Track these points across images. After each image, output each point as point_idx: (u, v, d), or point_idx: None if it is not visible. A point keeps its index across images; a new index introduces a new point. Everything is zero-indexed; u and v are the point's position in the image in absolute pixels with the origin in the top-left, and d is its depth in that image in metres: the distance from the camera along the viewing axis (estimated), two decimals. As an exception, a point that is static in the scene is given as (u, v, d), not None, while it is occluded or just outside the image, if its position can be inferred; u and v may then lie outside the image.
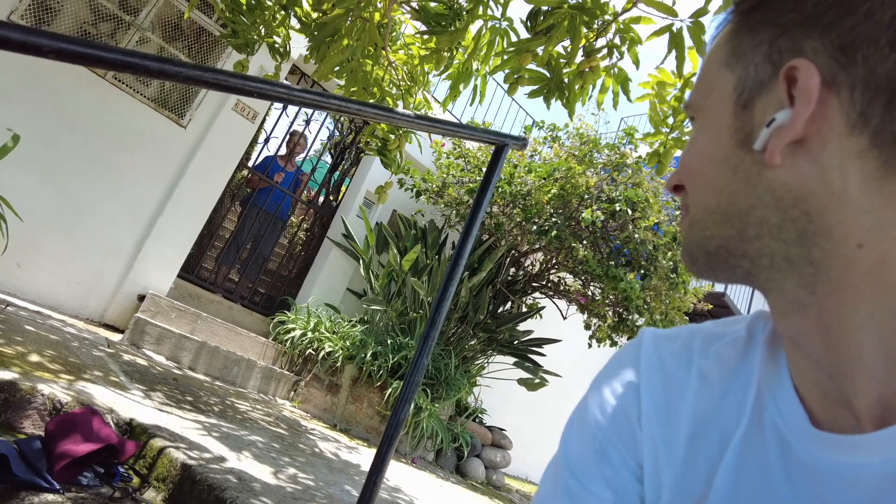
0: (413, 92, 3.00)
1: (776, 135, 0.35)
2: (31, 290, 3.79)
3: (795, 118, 0.34)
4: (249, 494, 1.83)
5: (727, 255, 0.39)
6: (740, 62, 0.39)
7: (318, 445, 3.30)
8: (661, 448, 0.45)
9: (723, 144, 0.40)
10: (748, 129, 0.38)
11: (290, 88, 0.88)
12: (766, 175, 0.36)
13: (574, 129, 5.48)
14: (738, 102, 0.39)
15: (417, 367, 1.23)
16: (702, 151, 0.42)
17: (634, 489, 0.46)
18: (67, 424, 1.76)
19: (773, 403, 0.40)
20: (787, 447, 0.38)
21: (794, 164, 0.35)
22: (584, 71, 2.40)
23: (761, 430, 0.40)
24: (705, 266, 0.42)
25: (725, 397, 0.43)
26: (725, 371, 0.45)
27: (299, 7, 2.67)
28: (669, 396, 0.47)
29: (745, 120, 0.38)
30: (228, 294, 5.37)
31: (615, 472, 0.46)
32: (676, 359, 0.48)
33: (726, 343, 0.47)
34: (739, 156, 0.38)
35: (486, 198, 1.29)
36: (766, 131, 0.36)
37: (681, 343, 0.49)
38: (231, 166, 4.77)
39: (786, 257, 0.36)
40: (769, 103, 0.37)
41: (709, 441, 0.43)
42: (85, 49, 0.68)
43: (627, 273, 4.67)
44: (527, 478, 7.33)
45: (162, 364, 3.67)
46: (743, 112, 0.39)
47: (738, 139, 0.39)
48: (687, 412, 0.45)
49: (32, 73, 3.74)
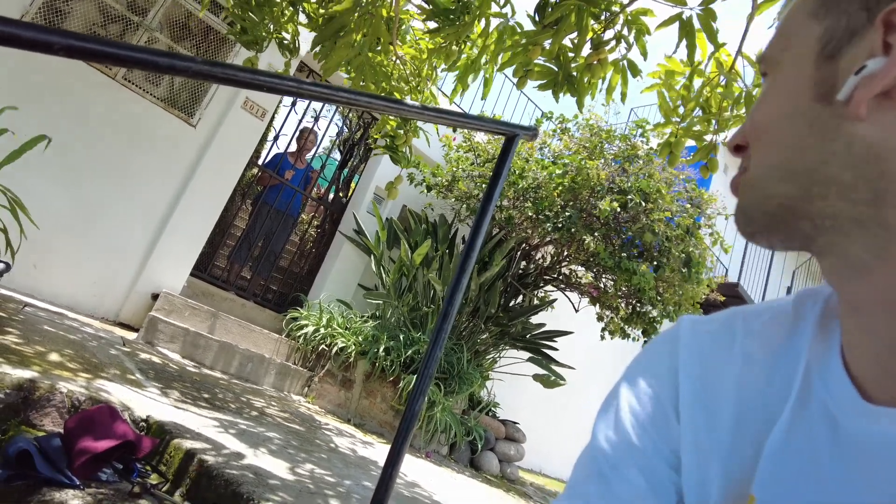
0: (421, 87, 3.00)
1: (864, 84, 0.33)
2: (47, 290, 3.84)
3: (890, 66, 0.32)
4: (266, 489, 1.84)
5: (788, 216, 0.37)
6: (831, 11, 0.37)
7: (333, 440, 3.32)
8: (705, 434, 0.44)
9: (800, 97, 0.37)
10: (832, 80, 0.35)
11: (300, 82, 0.88)
12: (846, 129, 0.34)
13: (584, 120, 5.45)
14: (823, 53, 0.36)
15: (431, 360, 1.23)
16: (774, 106, 0.39)
17: (668, 477, 0.45)
18: (86, 422, 1.78)
19: (822, 382, 0.39)
20: (835, 424, 0.37)
21: (879, 118, 0.33)
22: (593, 63, 2.38)
23: (808, 410, 0.39)
24: (762, 227, 0.39)
25: (772, 377, 0.42)
26: (771, 350, 0.43)
27: (307, 3, 2.67)
28: (711, 382, 0.45)
29: (829, 71, 0.36)
30: (241, 291, 5.41)
31: (647, 459, 0.46)
32: (717, 342, 0.47)
33: (770, 320, 0.45)
34: (817, 110, 0.36)
35: (497, 189, 1.28)
36: (854, 79, 0.33)
37: (721, 325, 0.48)
38: (241, 164, 4.80)
39: (854, 219, 0.34)
40: (860, 52, 0.34)
41: (755, 423, 0.41)
42: (95, 46, 0.68)
43: (640, 265, 4.64)
44: (541, 471, 7.33)
45: (177, 362, 3.71)
46: (827, 63, 0.36)
47: (818, 92, 0.36)
48: (730, 396, 0.43)
49: (45, 77, 3.77)
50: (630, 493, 0.44)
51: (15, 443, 1.69)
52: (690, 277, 4.86)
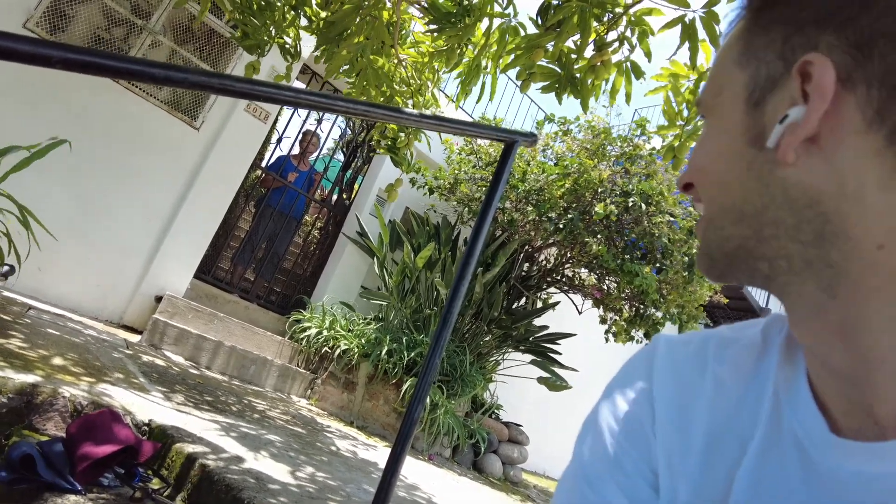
0: (423, 90, 3.00)
1: (790, 132, 0.34)
2: (52, 293, 3.86)
3: (809, 114, 0.33)
4: (267, 494, 1.84)
5: (746, 256, 0.38)
6: (752, 60, 0.38)
7: (335, 443, 3.32)
8: (676, 455, 0.44)
9: (734, 142, 0.39)
10: (760, 127, 0.37)
11: (298, 92, 0.88)
12: (779, 174, 0.35)
13: (586, 122, 5.44)
14: (750, 100, 0.38)
15: (430, 367, 1.23)
16: (713, 149, 0.41)
17: (649, 497, 0.45)
18: (88, 427, 1.78)
19: (791, 410, 0.39)
20: (806, 455, 0.37)
21: (808, 162, 0.34)
22: (596, 65, 2.37)
23: (779, 438, 0.39)
24: (725, 268, 0.41)
25: (742, 403, 0.42)
26: (741, 376, 0.44)
27: (308, 7, 2.67)
28: (684, 402, 0.46)
29: (756, 118, 0.37)
30: (244, 294, 5.42)
31: (629, 479, 0.46)
32: (691, 364, 0.47)
33: (741, 348, 0.46)
34: (752, 153, 0.37)
35: (496, 195, 1.28)
36: (780, 128, 0.35)
37: (694, 348, 0.48)
38: (244, 167, 4.81)
39: (804, 259, 0.35)
40: (782, 100, 0.36)
41: (726, 448, 0.42)
42: (91, 58, 0.68)
43: (643, 267, 4.62)
44: (544, 473, 7.32)
45: (180, 364, 3.72)
46: (755, 110, 0.38)
47: (749, 137, 0.38)
48: (702, 418, 0.44)
49: (50, 81, 3.79)
50: None
51: (18, 447, 1.70)
52: (694, 280, 4.84)
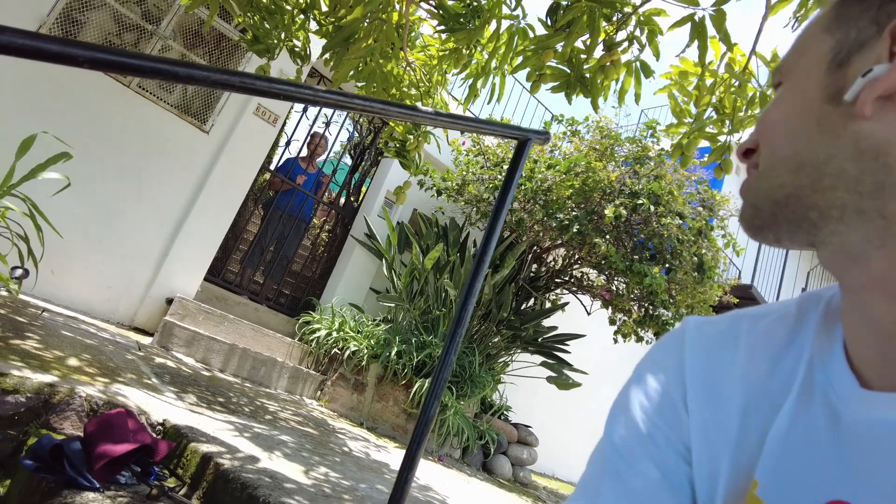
0: (432, 92, 3.01)
1: (870, 86, 0.35)
2: (64, 296, 3.90)
3: (892, 72, 0.35)
4: (282, 493, 1.85)
5: (796, 205, 0.39)
6: (843, 25, 0.40)
7: (346, 444, 3.33)
8: (713, 428, 0.45)
9: (811, 99, 0.40)
10: (840, 84, 0.38)
11: (315, 90, 0.89)
12: (852, 126, 0.36)
13: (594, 122, 5.43)
14: (834, 61, 0.39)
15: (445, 365, 1.23)
16: (785, 107, 0.42)
17: (681, 469, 0.46)
18: (105, 425, 1.80)
19: (823, 373, 0.40)
20: (835, 412, 0.38)
21: (883, 117, 0.35)
22: (606, 65, 2.38)
23: (811, 399, 0.40)
24: (769, 216, 0.41)
25: (776, 370, 0.44)
26: (775, 345, 0.45)
27: (318, 10, 2.69)
28: (717, 377, 0.47)
29: (838, 76, 0.38)
30: (254, 296, 5.45)
31: (661, 451, 0.47)
32: (722, 340, 0.49)
33: (774, 319, 0.47)
34: (826, 109, 0.38)
35: (510, 193, 1.29)
36: (861, 81, 0.36)
37: (726, 325, 0.50)
38: (254, 170, 4.84)
39: (858, 209, 0.36)
40: (867, 59, 0.37)
41: (760, 412, 0.43)
42: (117, 57, 0.70)
43: (652, 267, 4.61)
44: (553, 474, 7.29)
45: (191, 366, 3.74)
46: (837, 70, 0.39)
47: (828, 94, 0.39)
48: (737, 389, 0.45)
49: (61, 85, 3.83)
50: (644, 486, 0.45)
51: (47, 439, 1.74)
52: (703, 280, 4.83)
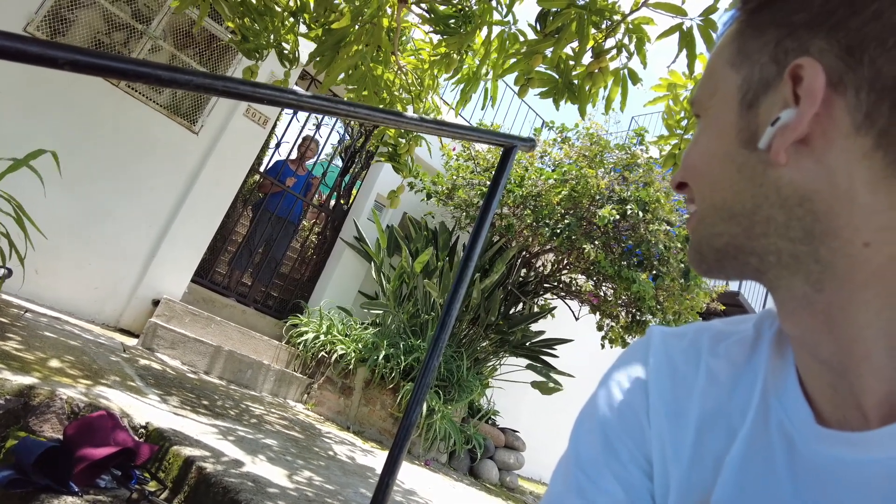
0: (423, 96, 3.02)
1: (781, 133, 0.35)
2: (49, 296, 3.85)
3: (800, 117, 0.34)
4: (264, 497, 1.84)
5: (736, 252, 0.40)
6: (745, 62, 0.39)
7: (332, 448, 3.31)
8: (669, 443, 0.45)
9: (727, 143, 0.40)
10: (753, 128, 0.38)
11: (300, 95, 0.89)
12: (771, 174, 0.36)
13: (584, 129, 5.47)
14: (743, 102, 0.39)
15: (428, 369, 1.23)
16: (705, 150, 0.42)
17: (644, 486, 0.46)
18: (85, 429, 1.78)
19: (778, 401, 0.40)
20: (792, 445, 0.38)
21: (799, 163, 0.35)
22: (594, 72, 2.39)
23: (767, 428, 0.40)
24: (715, 263, 0.42)
25: (733, 394, 0.44)
26: (733, 369, 0.45)
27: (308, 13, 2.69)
28: (678, 393, 0.47)
29: (749, 119, 0.38)
30: (242, 298, 5.42)
31: (624, 468, 0.47)
32: (685, 356, 0.48)
33: (734, 342, 0.47)
34: (744, 155, 0.38)
35: (495, 199, 1.29)
36: (771, 130, 0.36)
37: (689, 341, 0.50)
38: (243, 171, 4.82)
39: (793, 255, 0.36)
40: (774, 103, 0.37)
41: (716, 437, 0.43)
42: (98, 60, 0.69)
43: (640, 273, 4.64)
44: (540, 479, 7.30)
45: (176, 368, 3.71)
46: (748, 111, 0.39)
47: (742, 138, 0.39)
48: (695, 409, 0.45)
49: (49, 85, 3.80)
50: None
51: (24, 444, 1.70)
52: (690, 287, 4.86)
